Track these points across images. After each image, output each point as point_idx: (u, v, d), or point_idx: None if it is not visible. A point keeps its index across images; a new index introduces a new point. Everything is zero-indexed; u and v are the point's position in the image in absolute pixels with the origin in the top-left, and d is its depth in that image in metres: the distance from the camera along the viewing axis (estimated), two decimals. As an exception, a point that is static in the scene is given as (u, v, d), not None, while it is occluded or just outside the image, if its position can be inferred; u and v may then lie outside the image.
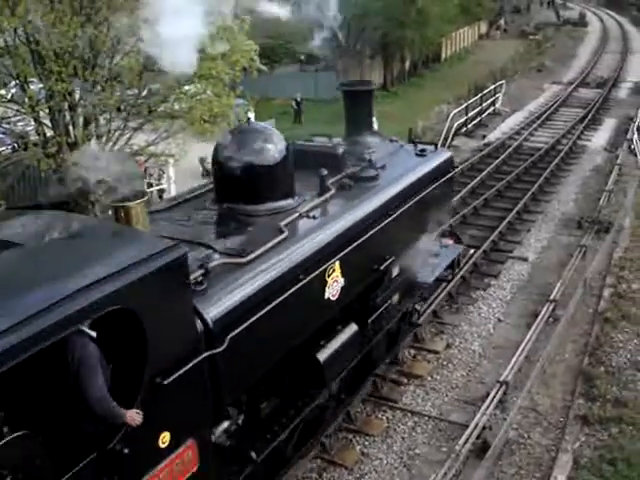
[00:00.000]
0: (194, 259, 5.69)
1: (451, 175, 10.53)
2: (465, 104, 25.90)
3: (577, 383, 9.70)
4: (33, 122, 11.63)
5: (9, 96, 12.04)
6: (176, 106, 12.02)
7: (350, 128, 9.79)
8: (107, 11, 10.44)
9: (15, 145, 15.44)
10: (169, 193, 17.34)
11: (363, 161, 8.81)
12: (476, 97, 27.25)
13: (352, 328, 7.87)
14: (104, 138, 11.73)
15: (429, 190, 9.44)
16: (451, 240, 11.01)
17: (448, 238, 11.04)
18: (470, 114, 25.51)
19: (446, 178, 10.14)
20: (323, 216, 7.46)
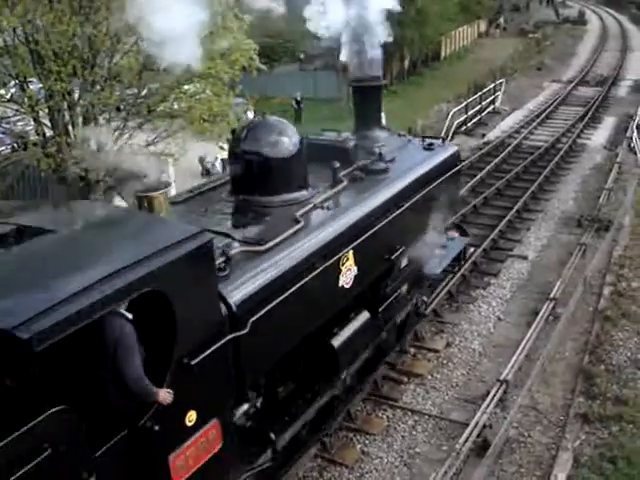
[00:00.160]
0: (215, 247, 5.82)
1: (458, 169, 10.63)
2: (465, 103, 25.85)
3: (577, 381, 9.71)
4: (32, 122, 11.62)
5: (8, 96, 12.01)
6: (175, 105, 12.01)
7: (359, 123, 9.95)
8: (106, 11, 10.43)
9: (15, 145, 15.40)
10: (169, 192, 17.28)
11: (373, 155, 8.97)
12: (476, 96, 27.17)
13: (365, 316, 8.07)
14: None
15: (437, 183, 9.57)
16: (456, 233, 11.09)
17: (454, 230, 11.13)
18: (470, 113, 25.47)
19: (453, 171, 10.24)
20: (336, 207, 7.69)
